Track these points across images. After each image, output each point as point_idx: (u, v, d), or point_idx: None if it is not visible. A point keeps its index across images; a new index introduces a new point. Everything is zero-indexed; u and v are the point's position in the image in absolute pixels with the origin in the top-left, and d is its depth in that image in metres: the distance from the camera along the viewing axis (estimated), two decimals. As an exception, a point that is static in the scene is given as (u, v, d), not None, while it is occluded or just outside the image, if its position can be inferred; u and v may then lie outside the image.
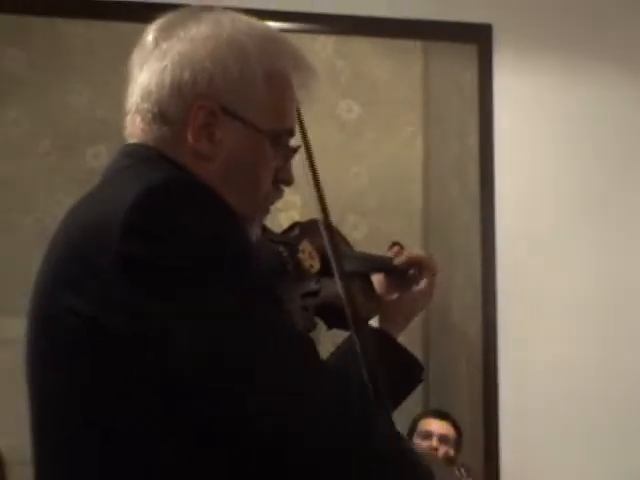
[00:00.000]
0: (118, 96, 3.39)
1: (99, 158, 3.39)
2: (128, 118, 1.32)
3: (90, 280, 1.14)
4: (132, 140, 1.31)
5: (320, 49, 3.56)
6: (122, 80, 3.18)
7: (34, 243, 3.09)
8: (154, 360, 1.12)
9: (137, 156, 1.29)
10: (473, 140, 3.78)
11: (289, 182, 1.36)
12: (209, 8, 1.35)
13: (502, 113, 3.82)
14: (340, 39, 3.64)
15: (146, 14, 3.53)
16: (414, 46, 3.77)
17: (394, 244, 1.62)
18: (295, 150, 1.36)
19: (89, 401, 1.17)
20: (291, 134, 1.35)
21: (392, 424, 1.25)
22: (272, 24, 1.93)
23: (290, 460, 1.13)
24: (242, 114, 1.30)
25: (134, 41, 3.31)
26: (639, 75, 3.99)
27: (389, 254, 1.61)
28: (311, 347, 1.19)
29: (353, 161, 3.66)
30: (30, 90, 3.49)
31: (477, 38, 3.81)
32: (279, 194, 1.36)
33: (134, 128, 1.32)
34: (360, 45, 3.67)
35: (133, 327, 1.12)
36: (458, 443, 3.24)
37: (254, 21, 1.35)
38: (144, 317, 1.12)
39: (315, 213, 1.37)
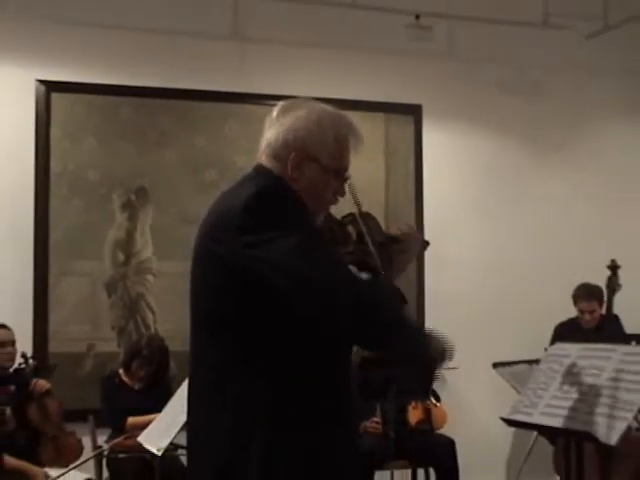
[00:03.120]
0: (222, 141, 6.37)
1: (212, 176, 4.92)
2: (258, 154, 1.73)
3: (224, 237, 1.56)
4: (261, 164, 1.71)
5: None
6: (223, 134, 5.98)
7: (178, 222, 4.78)
8: (258, 278, 1.53)
9: (260, 172, 1.70)
10: (411, 168, 5.16)
11: (343, 195, 1.74)
12: (306, 99, 1.73)
13: (427, 154, 5.15)
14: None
15: (237, 99, 6.06)
16: (379, 116, 5.09)
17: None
18: (347, 179, 1.74)
19: (221, 304, 1.59)
20: (346, 170, 1.72)
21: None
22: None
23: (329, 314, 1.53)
24: (319, 159, 1.67)
25: (231, 113, 6.21)
26: (519, 139, 5.23)
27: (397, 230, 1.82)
28: (343, 261, 1.62)
29: (346, 179, 4.70)
30: (174, 139, 4.94)
31: (413, 112, 5.17)
32: (335, 201, 1.73)
33: (261, 160, 1.72)
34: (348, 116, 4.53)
35: (243, 261, 1.53)
36: None
37: (332, 108, 1.73)
38: (249, 258, 1.53)
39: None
